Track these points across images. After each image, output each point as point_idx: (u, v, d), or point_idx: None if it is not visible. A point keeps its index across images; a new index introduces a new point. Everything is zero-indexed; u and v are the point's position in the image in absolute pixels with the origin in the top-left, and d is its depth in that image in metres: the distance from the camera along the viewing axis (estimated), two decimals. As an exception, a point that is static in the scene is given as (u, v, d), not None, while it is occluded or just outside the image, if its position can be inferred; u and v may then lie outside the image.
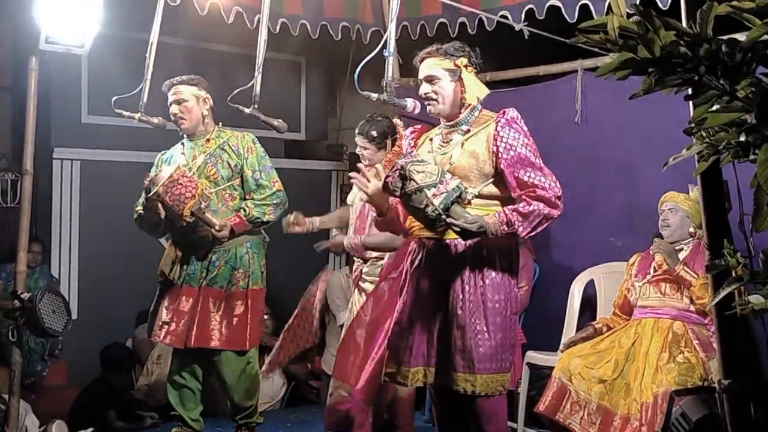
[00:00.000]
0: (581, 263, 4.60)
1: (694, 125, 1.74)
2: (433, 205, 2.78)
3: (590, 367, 3.83)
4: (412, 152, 3.04)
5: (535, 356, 4.37)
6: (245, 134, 4.17)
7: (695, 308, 3.86)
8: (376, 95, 3.07)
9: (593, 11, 4.17)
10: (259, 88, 3.75)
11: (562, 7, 4.37)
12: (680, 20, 1.88)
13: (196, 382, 4.17)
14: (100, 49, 4.33)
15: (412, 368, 3.00)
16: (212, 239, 3.97)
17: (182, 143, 4.18)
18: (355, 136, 4.04)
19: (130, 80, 4.31)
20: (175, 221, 3.96)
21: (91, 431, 4.71)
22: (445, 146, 3.04)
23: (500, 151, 2.91)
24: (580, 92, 4.61)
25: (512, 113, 2.97)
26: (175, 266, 4.04)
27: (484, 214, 2.88)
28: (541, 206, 2.86)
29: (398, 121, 3.83)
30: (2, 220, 6.21)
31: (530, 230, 2.88)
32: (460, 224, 2.78)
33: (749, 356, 2.22)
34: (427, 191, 2.78)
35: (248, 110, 3.74)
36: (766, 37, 1.58)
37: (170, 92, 4.06)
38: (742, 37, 1.62)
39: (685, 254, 3.92)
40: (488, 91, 3.07)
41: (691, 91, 1.75)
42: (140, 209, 4.09)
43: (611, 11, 1.67)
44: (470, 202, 2.91)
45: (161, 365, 5.44)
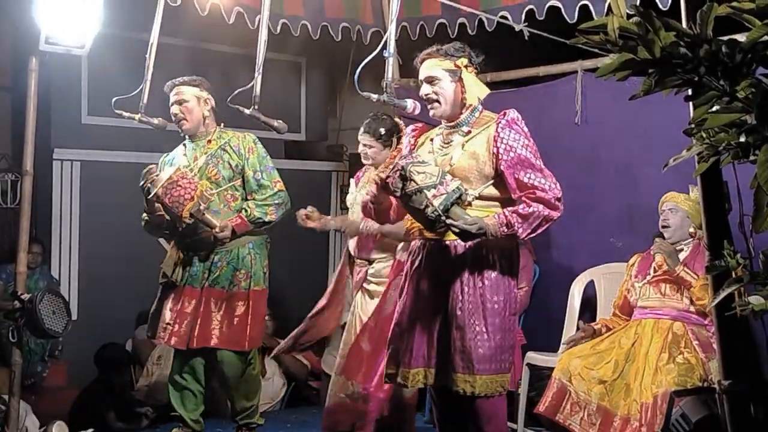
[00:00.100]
0: (581, 264, 4.60)
1: (694, 126, 1.74)
2: (433, 206, 2.78)
3: (590, 367, 3.83)
4: (412, 152, 3.05)
5: (535, 357, 4.37)
6: (246, 135, 4.17)
7: (695, 309, 3.86)
8: (376, 96, 3.07)
9: (593, 12, 4.16)
10: (259, 88, 3.74)
11: (562, 7, 4.36)
12: (680, 21, 1.88)
13: (197, 383, 4.16)
14: (100, 49, 4.32)
15: (412, 369, 3.01)
16: (214, 240, 3.97)
17: (184, 144, 4.19)
18: (358, 135, 4.02)
19: (130, 81, 4.30)
20: (175, 222, 3.96)
21: (91, 432, 4.71)
22: (445, 147, 3.04)
23: (500, 152, 2.91)
24: (580, 93, 4.61)
25: (513, 114, 2.96)
26: (177, 268, 4.03)
27: (484, 215, 2.88)
28: (540, 208, 2.86)
29: (399, 121, 3.83)
30: (2, 220, 6.22)
31: (530, 232, 2.88)
32: (459, 225, 2.78)
33: (749, 357, 2.22)
34: (427, 192, 2.78)
35: (248, 111, 3.73)
36: (766, 38, 1.58)
37: (172, 93, 4.06)
38: (742, 38, 1.62)
39: (685, 255, 3.92)
40: (489, 91, 3.07)
41: (691, 91, 1.75)
42: (146, 216, 4.10)
43: (611, 12, 1.67)
44: (470, 203, 2.91)
45: (161, 366, 5.44)
